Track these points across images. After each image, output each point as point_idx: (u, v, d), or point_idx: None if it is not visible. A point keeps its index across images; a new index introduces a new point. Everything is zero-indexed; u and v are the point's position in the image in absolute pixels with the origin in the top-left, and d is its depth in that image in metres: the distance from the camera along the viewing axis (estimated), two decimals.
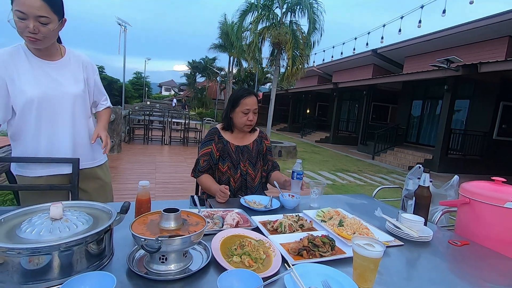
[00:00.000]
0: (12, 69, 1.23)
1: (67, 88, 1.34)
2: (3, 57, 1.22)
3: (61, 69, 1.34)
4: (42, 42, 1.21)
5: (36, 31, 1.14)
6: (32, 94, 1.24)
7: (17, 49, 1.26)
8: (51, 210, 0.81)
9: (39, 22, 1.14)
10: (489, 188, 1.39)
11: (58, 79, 1.32)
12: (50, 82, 1.30)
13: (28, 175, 1.36)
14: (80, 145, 1.43)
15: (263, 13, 9.43)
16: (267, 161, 1.90)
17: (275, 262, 0.91)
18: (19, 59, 1.25)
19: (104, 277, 0.69)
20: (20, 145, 1.34)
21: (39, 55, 1.29)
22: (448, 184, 2.09)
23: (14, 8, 1.10)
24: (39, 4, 1.11)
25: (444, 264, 1.08)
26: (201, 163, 1.71)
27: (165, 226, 0.85)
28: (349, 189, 5.66)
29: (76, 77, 1.39)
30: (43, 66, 1.29)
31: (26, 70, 1.25)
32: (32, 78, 1.25)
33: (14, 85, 1.23)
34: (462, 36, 9.04)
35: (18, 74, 1.23)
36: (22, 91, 1.23)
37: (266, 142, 1.92)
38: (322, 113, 18.86)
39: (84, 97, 1.42)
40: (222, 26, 19.56)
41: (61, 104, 1.33)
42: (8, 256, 0.69)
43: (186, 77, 30.62)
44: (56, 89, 1.31)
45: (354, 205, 1.68)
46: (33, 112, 1.27)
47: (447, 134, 8.33)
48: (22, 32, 1.15)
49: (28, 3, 1.09)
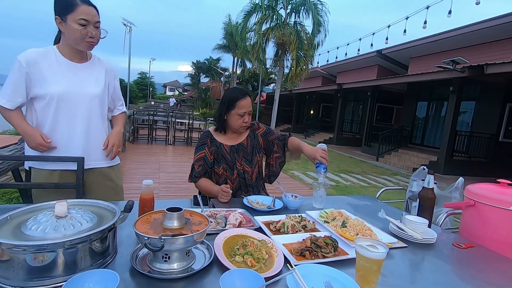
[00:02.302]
0: (40, 66, 1.34)
1: (87, 89, 1.44)
2: (35, 54, 1.35)
3: (85, 71, 1.46)
4: (94, 45, 1.39)
5: (94, 35, 1.35)
6: (54, 90, 1.35)
7: (48, 50, 1.39)
8: (56, 208, 0.82)
9: (95, 27, 1.35)
10: (495, 191, 1.38)
11: (81, 79, 1.43)
12: (72, 81, 1.40)
13: (43, 168, 1.43)
14: (93, 144, 1.49)
15: (267, 13, 9.44)
16: (274, 144, 1.83)
17: (278, 263, 0.91)
18: (49, 58, 1.37)
19: (107, 275, 0.69)
20: None
21: (69, 57, 1.42)
22: (453, 186, 2.07)
23: (76, 17, 1.29)
24: (95, 12, 1.34)
25: (448, 267, 1.07)
26: (197, 169, 1.69)
27: (168, 225, 0.85)
28: (353, 190, 5.63)
29: (98, 79, 1.49)
30: (70, 66, 1.41)
31: (53, 68, 1.37)
32: (56, 76, 1.37)
33: (40, 81, 1.34)
34: (468, 37, 8.96)
35: (45, 71, 1.35)
36: (46, 87, 1.34)
37: (260, 131, 1.84)
38: (326, 114, 18.79)
39: (102, 99, 1.51)
40: (226, 26, 19.62)
41: (79, 102, 1.42)
42: (13, 253, 0.70)
43: (190, 77, 30.74)
44: (77, 88, 1.41)
45: (357, 206, 1.67)
46: (52, 107, 1.37)
47: (452, 135, 8.26)
48: (83, 38, 1.33)
49: (89, 12, 1.32)
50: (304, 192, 5.05)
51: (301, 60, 9.52)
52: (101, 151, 1.53)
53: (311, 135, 16.22)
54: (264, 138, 1.84)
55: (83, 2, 1.31)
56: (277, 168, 1.87)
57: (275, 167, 1.87)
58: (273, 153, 1.85)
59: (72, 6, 1.29)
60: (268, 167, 1.89)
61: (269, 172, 1.88)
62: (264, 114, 20.54)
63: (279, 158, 1.86)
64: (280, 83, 10.21)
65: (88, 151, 1.47)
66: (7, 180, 2.82)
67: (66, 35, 1.36)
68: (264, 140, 1.84)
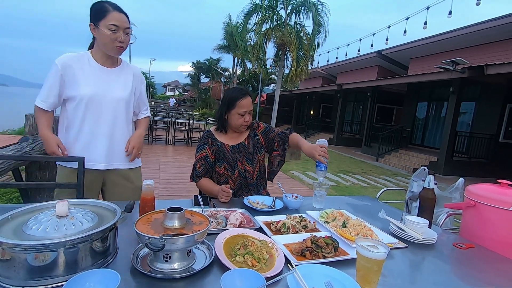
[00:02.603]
0: (74, 69, 1.44)
1: (114, 92, 1.52)
2: (70, 58, 1.45)
3: (114, 75, 1.54)
4: (123, 50, 1.47)
5: (123, 40, 1.43)
6: (84, 92, 1.44)
7: (82, 55, 1.49)
8: (57, 208, 0.82)
9: (125, 33, 1.43)
10: (495, 191, 1.38)
11: (109, 83, 1.51)
12: (101, 85, 1.49)
13: (67, 166, 1.51)
14: (116, 145, 1.56)
15: (267, 14, 9.44)
16: (275, 141, 1.83)
17: (278, 263, 0.91)
18: (82, 63, 1.46)
19: (108, 275, 0.69)
20: (68, 137, 1.50)
21: (100, 61, 1.50)
22: (453, 187, 2.07)
23: (107, 23, 1.38)
24: (125, 19, 1.42)
25: (449, 267, 1.07)
26: (198, 168, 1.70)
27: (169, 225, 0.85)
28: (353, 190, 5.63)
29: (125, 84, 1.57)
30: (101, 71, 1.50)
31: (85, 72, 1.46)
32: (87, 79, 1.45)
33: (72, 83, 1.43)
34: (469, 37, 8.96)
35: (78, 74, 1.44)
36: (78, 89, 1.43)
37: (260, 129, 1.84)
38: (326, 114, 18.79)
39: (128, 102, 1.57)
40: (226, 27, 19.62)
41: (105, 104, 1.49)
42: (14, 252, 0.70)
43: (190, 77, 30.75)
44: (105, 91, 1.49)
45: (357, 206, 1.67)
46: (82, 108, 1.45)
47: (453, 136, 8.26)
48: (113, 42, 1.41)
49: (120, 18, 1.40)
50: (305, 192, 5.05)
51: (301, 60, 9.53)
52: (123, 153, 1.58)
53: (311, 136, 16.22)
54: (264, 136, 1.84)
55: (114, 9, 1.40)
56: (275, 166, 1.87)
57: (273, 165, 1.87)
58: (273, 151, 1.85)
59: (104, 12, 1.38)
60: (269, 165, 1.89)
61: (269, 169, 1.88)
62: (264, 114, 20.55)
63: (278, 156, 1.85)
64: (280, 84, 10.22)
65: (111, 152, 1.54)
66: (7, 180, 2.82)
67: (98, 41, 1.44)
68: (265, 138, 1.84)
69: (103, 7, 1.39)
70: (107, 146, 1.52)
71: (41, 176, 2.41)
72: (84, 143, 1.49)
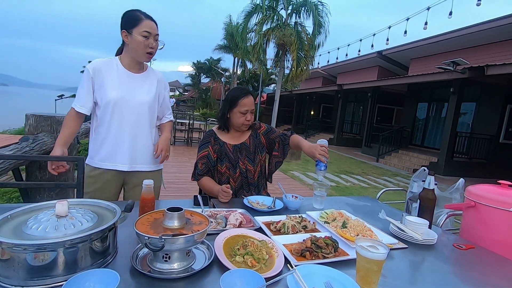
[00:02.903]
0: (103, 73, 1.51)
1: (139, 96, 1.59)
2: (99, 63, 1.52)
3: (139, 80, 1.60)
4: (153, 56, 1.55)
5: (154, 47, 1.51)
6: (112, 96, 1.51)
7: (110, 61, 1.56)
8: (57, 208, 0.82)
9: (155, 39, 1.51)
10: (495, 192, 1.38)
11: (135, 88, 1.58)
12: (128, 89, 1.55)
13: (90, 164, 1.58)
14: (139, 148, 1.62)
15: (268, 14, 9.44)
16: (275, 142, 1.84)
17: (278, 263, 0.91)
18: (110, 68, 1.54)
19: (108, 275, 0.69)
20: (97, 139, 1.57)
21: (128, 67, 1.57)
22: (453, 187, 2.07)
23: (140, 30, 1.46)
24: (155, 27, 1.51)
25: (449, 268, 1.07)
26: (200, 167, 1.71)
27: (169, 225, 0.85)
28: (353, 191, 5.63)
29: (150, 89, 1.63)
30: (128, 76, 1.57)
31: (113, 77, 1.53)
32: (115, 84, 1.53)
33: (102, 87, 1.51)
34: (469, 38, 8.96)
35: (106, 79, 1.52)
36: (106, 93, 1.51)
37: (262, 130, 1.86)
38: (326, 115, 18.78)
39: (152, 107, 1.64)
40: (227, 27, 19.61)
41: (130, 108, 1.56)
42: (14, 252, 0.70)
43: (190, 77, 30.73)
44: (131, 95, 1.56)
45: (357, 207, 1.67)
46: (109, 110, 1.52)
47: (453, 137, 8.25)
48: (145, 48, 1.49)
49: (151, 25, 1.49)
50: (305, 192, 5.05)
51: (302, 60, 9.53)
52: (146, 156, 1.64)
53: (311, 136, 16.22)
54: (266, 137, 1.85)
55: (146, 17, 1.49)
56: (273, 167, 1.88)
57: (271, 166, 1.88)
58: (273, 151, 1.85)
59: (137, 20, 1.47)
60: (268, 165, 1.89)
61: (268, 170, 1.89)
62: (264, 114, 20.53)
63: (277, 157, 1.85)
64: (280, 84, 10.22)
65: (134, 154, 1.60)
66: (7, 180, 2.82)
67: (130, 47, 1.52)
68: (266, 138, 1.85)
69: (136, 15, 1.48)
70: (131, 148, 1.58)
71: (41, 176, 2.41)
72: (111, 145, 1.55)
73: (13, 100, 48.24)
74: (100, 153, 1.56)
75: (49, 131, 2.42)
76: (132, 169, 1.61)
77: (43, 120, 2.41)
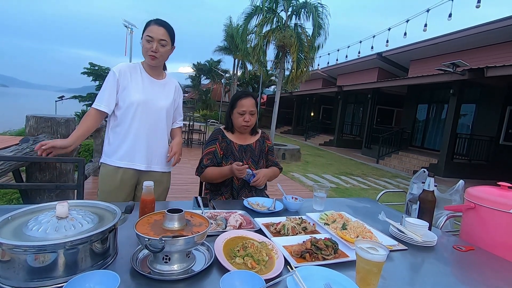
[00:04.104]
0: (128, 77, 1.60)
1: (159, 101, 1.68)
2: (124, 67, 1.61)
3: (160, 87, 1.71)
4: (158, 60, 1.60)
5: (156, 51, 1.56)
6: (135, 98, 1.59)
7: (135, 65, 1.67)
8: (57, 209, 0.82)
9: (160, 44, 1.57)
10: (495, 193, 1.38)
11: (156, 93, 1.68)
12: (150, 93, 1.64)
13: (108, 163, 1.63)
14: (155, 150, 1.69)
15: (268, 16, 9.46)
16: (267, 160, 1.94)
17: (278, 264, 0.91)
18: (135, 72, 1.64)
19: (108, 276, 0.70)
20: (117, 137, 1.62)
21: (150, 73, 1.67)
22: (453, 189, 2.07)
23: (145, 34, 1.55)
24: (162, 32, 1.57)
25: (449, 269, 1.07)
26: (205, 162, 1.77)
27: (169, 226, 0.86)
28: (353, 192, 5.63)
29: (168, 95, 1.74)
30: (150, 81, 1.67)
31: (137, 81, 1.63)
32: (139, 87, 1.62)
33: (126, 89, 1.59)
34: (469, 40, 8.98)
35: (131, 82, 1.61)
36: (130, 95, 1.59)
37: (268, 142, 1.96)
38: (326, 116, 18.80)
39: (169, 112, 1.74)
40: (227, 28, 19.67)
41: (151, 111, 1.65)
42: (14, 253, 0.70)
43: (191, 79, 30.76)
44: (152, 100, 1.65)
45: (357, 208, 1.67)
46: (131, 112, 1.60)
47: (453, 138, 8.25)
48: (147, 51, 1.56)
49: (156, 30, 1.55)
50: (304, 194, 5.05)
51: (302, 62, 9.53)
52: (160, 157, 1.72)
53: (311, 137, 16.23)
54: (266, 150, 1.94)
55: (155, 23, 1.57)
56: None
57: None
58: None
59: (146, 26, 1.58)
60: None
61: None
62: (264, 116, 20.55)
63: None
64: (280, 85, 10.22)
65: (150, 155, 1.67)
66: (7, 181, 2.82)
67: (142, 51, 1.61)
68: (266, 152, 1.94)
69: (147, 22, 1.59)
70: (148, 149, 1.66)
71: (42, 177, 2.40)
72: (130, 144, 1.62)
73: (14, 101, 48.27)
74: (118, 152, 1.61)
75: (49, 133, 2.42)
76: (148, 169, 1.68)
77: (43, 121, 2.41)
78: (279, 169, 1.94)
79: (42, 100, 57.69)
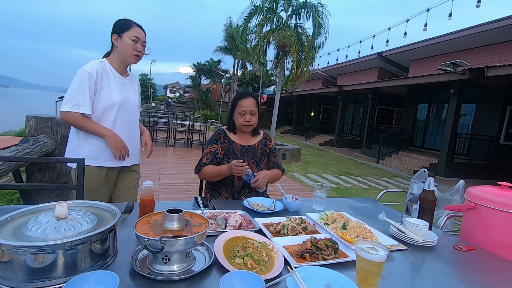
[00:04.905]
0: (104, 78, 1.60)
1: (133, 99, 1.76)
2: (98, 67, 1.59)
3: (129, 84, 1.77)
4: (139, 59, 1.67)
5: (141, 51, 1.65)
6: (116, 99, 1.62)
7: (103, 64, 1.63)
8: (57, 209, 0.82)
9: (142, 45, 1.66)
10: (496, 193, 1.38)
11: (129, 91, 1.74)
12: (126, 92, 1.70)
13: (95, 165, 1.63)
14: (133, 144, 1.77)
15: (268, 16, 9.46)
16: (269, 162, 1.94)
17: (278, 265, 0.91)
18: (107, 72, 1.63)
19: (107, 276, 0.69)
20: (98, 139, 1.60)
21: (118, 71, 1.69)
22: (454, 189, 2.07)
23: (130, 34, 1.60)
24: (144, 34, 1.66)
25: (449, 269, 1.07)
26: (204, 160, 1.78)
27: (169, 226, 0.85)
28: (353, 192, 5.62)
29: (135, 91, 1.82)
30: (121, 80, 1.70)
31: (113, 81, 1.64)
32: (116, 87, 1.65)
33: (104, 90, 1.59)
34: (469, 39, 8.97)
35: (108, 82, 1.61)
36: (109, 96, 1.60)
37: (270, 144, 1.96)
38: (326, 116, 18.79)
39: (139, 107, 1.84)
40: (227, 28, 19.66)
41: (130, 110, 1.72)
42: (14, 253, 0.70)
43: (191, 79, 30.79)
44: (129, 98, 1.71)
45: (357, 208, 1.67)
46: (113, 113, 1.62)
47: (453, 138, 8.25)
48: (132, 51, 1.62)
49: (141, 32, 1.65)
50: (305, 194, 5.05)
51: (302, 62, 9.52)
52: (137, 150, 1.81)
53: (311, 137, 16.22)
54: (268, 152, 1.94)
55: (136, 25, 1.64)
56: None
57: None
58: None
59: (128, 26, 1.62)
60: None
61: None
62: (264, 116, 20.53)
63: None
64: (280, 85, 10.22)
65: (132, 151, 1.73)
66: (7, 181, 2.82)
67: (119, 49, 1.63)
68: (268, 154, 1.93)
69: (128, 22, 1.63)
70: (129, 145, 1.70)
71: (41, 177, 2.41)
72: None
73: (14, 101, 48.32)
74: (104, 153, 1.63)
75: (49, 133, 2.42)
76: (130, 164, 1.76)
77: (43, 121, 2.41)
78: (281, 171, 1.94)
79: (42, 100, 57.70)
